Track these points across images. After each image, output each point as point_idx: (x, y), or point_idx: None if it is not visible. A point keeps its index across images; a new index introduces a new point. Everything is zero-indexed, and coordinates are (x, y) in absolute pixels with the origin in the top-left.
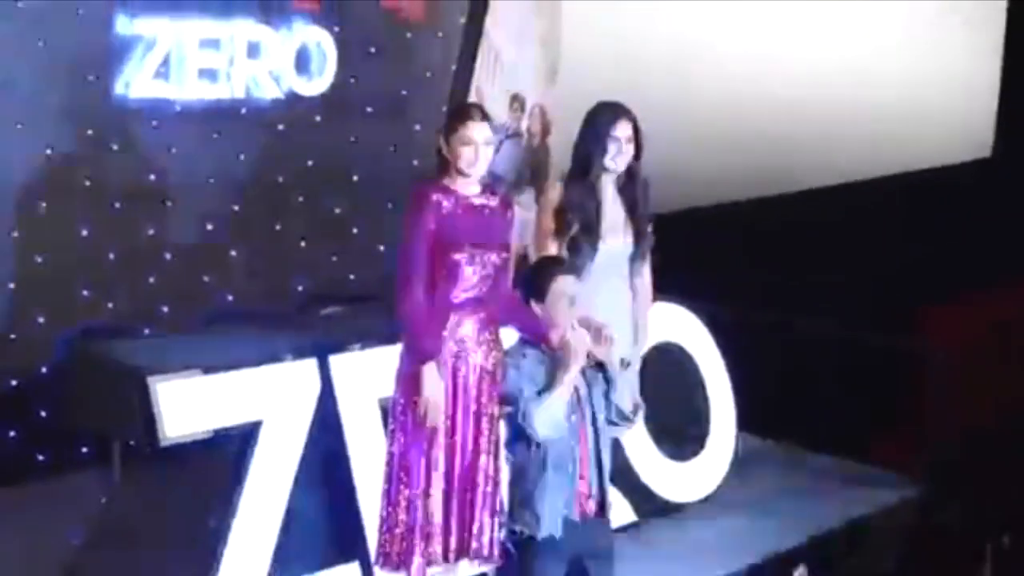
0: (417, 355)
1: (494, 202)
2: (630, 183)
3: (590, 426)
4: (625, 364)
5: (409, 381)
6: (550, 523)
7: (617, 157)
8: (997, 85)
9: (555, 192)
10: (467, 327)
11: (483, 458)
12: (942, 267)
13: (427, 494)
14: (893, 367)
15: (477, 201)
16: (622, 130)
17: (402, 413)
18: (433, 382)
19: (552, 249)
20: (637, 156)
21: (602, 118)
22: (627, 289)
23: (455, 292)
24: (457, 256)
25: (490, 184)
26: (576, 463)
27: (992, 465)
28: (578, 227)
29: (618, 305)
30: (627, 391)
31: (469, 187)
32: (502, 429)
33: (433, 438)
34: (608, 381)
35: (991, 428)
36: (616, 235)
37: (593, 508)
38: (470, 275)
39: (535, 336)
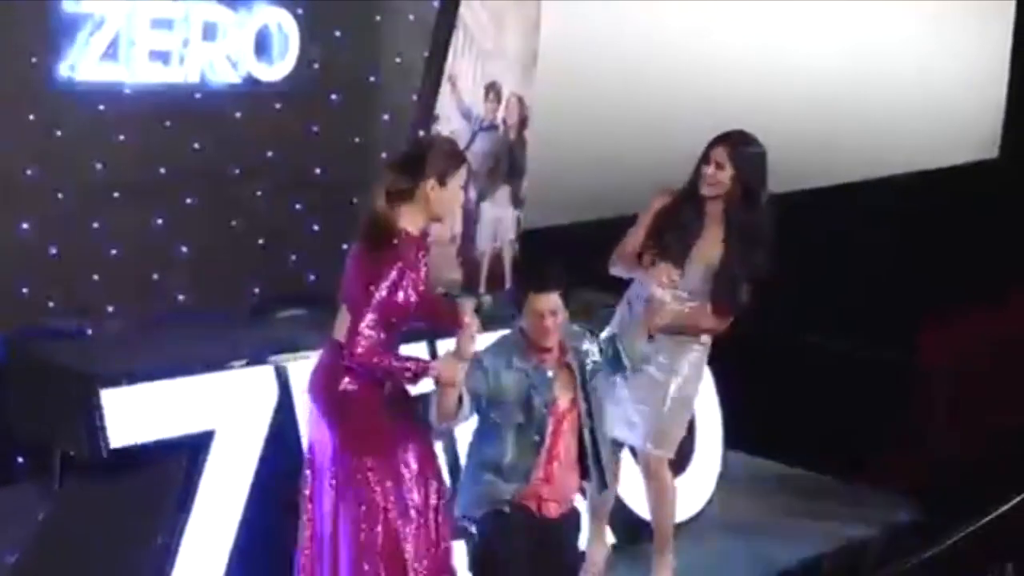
0: (421, 373)
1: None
2: (745, 212)
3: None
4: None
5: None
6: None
7: (706, 181)
8: (1005, 83)
9: (659, 201)
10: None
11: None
12: (946, 277)
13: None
14: (893, 383)
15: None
16: (716, 155)
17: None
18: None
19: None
20: (746, 186)
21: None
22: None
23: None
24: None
25: None
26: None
27: (995, 488)
28: (668, 242)
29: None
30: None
31: (423, 226)
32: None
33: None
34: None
35: (996, 449)
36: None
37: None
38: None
39: (446, 327)
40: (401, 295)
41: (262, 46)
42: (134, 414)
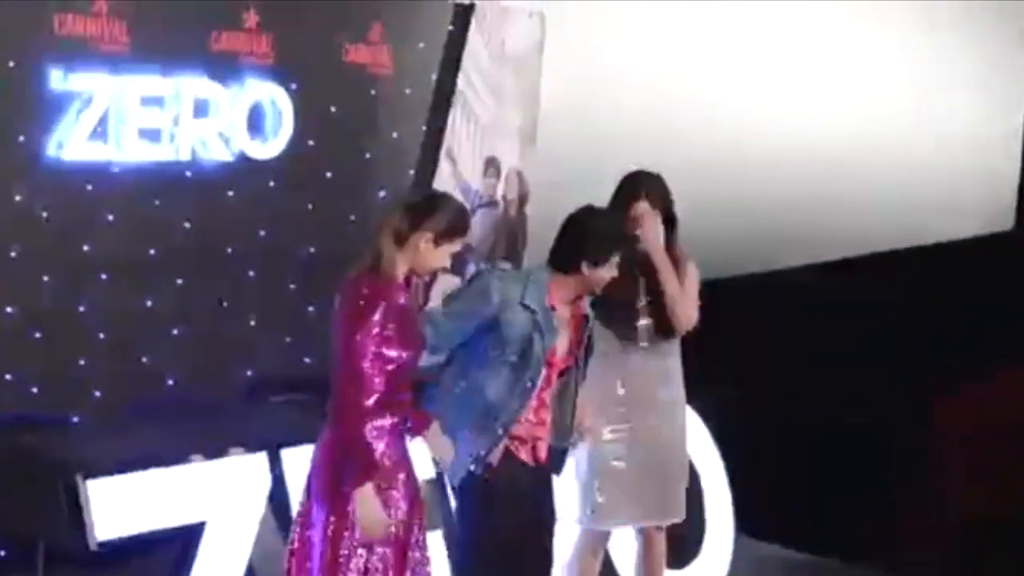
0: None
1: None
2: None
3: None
4: None
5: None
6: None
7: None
8: (1020, 151)
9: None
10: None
11: None
12: (959, 348)
13: None
14: (907, 455)
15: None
16: (640, 210)
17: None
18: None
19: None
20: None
21: None
22: None
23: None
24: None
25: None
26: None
27: (1015, 558)
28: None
29: None
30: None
31: (404, 274)
32: None
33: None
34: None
35: (1016, 519)
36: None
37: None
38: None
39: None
40: (386, 335)
41: (255, 123)
42: (121, 505)
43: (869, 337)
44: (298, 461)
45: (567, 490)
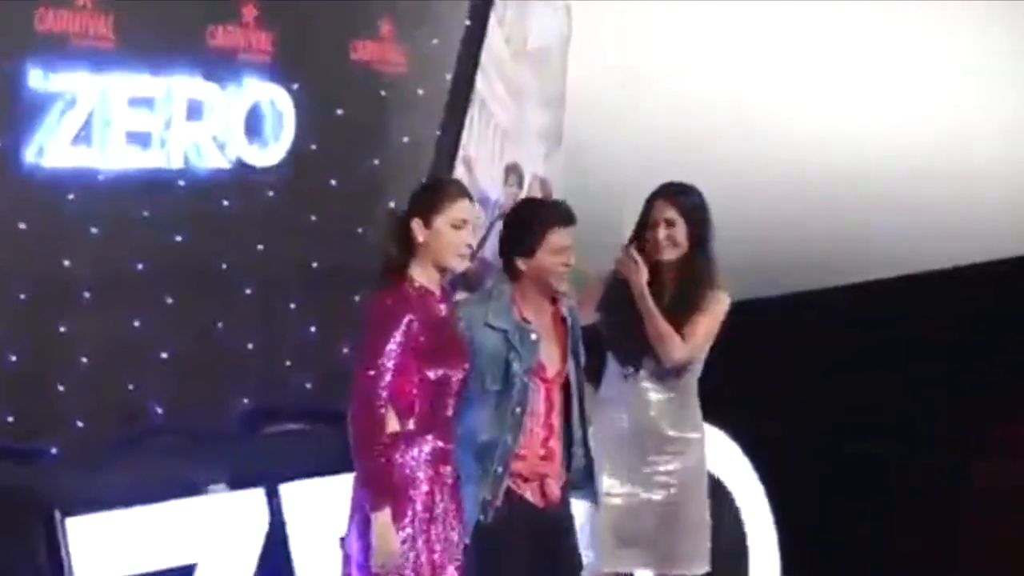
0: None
1: (447, 303)
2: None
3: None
4: None
5: None
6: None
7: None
8: None
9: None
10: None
11: None
12: (1011, 376)
13: None
14: (959, 493)
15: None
16: (664, 213)
17: None
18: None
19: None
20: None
21: None
22: None
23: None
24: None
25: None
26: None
27: None
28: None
29: None
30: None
31: (436, 282)
32: None
33: None
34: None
35: None
36: None
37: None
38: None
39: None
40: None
41: (253, 127)
42: (103, 546)
43: (928, 361)
44: (298, 498)
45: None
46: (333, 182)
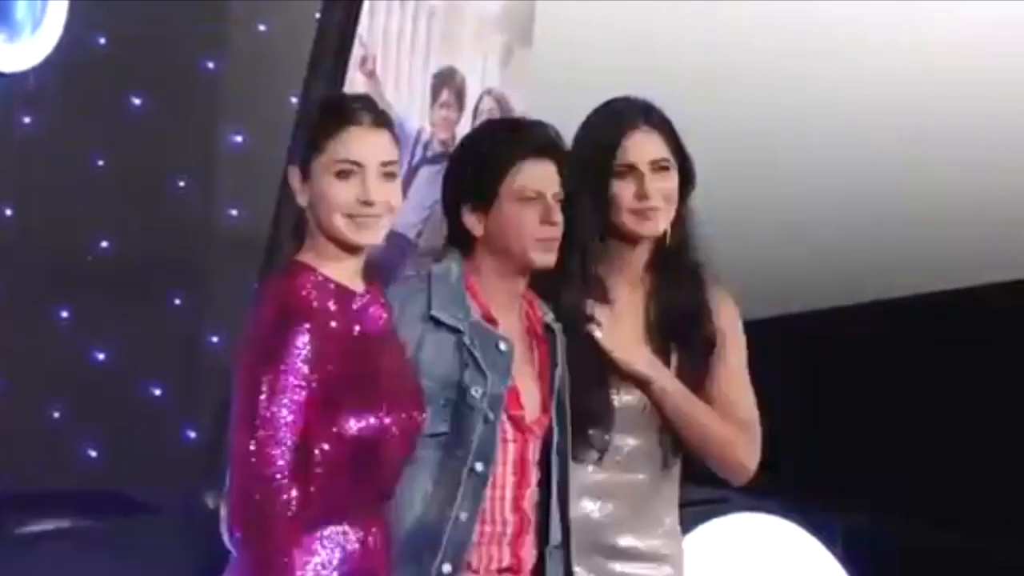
0: None
1: (381, 308)
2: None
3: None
4: None
5: None
6: None
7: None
8: None
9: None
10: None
11: None
12: None
13: None
14: None
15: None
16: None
17: None
18: None
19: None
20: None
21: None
22: None
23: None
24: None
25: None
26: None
27: None
28: None
29: None
30: None
31: (350, 273)
32: None
33: None
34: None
35: None
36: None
37: None
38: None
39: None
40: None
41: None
42: None
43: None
44: None
45: None
46: (136, 100)
